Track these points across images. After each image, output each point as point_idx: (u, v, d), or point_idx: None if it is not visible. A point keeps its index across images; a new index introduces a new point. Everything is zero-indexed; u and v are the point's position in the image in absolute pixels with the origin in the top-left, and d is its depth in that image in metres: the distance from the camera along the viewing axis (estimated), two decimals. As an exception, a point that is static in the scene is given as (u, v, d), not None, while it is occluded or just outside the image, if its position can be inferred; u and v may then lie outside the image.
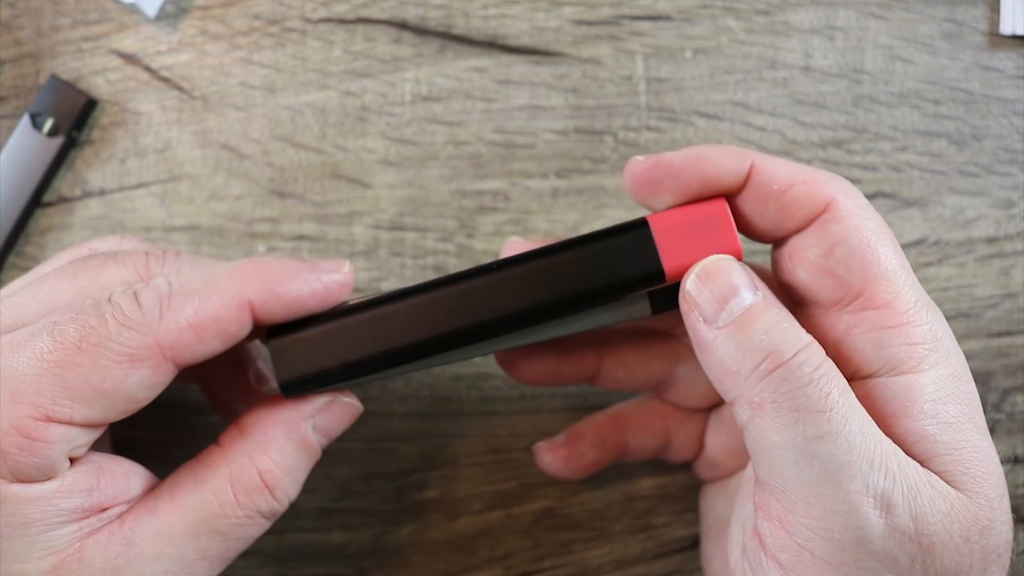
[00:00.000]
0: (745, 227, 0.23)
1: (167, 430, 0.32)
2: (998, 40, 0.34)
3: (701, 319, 0.22)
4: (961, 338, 0.33)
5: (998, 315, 0.33)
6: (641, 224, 0.23)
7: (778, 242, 0.24)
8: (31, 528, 0.21)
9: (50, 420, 0.21)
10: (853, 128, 0.34)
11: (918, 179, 0.34)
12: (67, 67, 0.34)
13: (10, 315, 0.23)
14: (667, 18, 0.34)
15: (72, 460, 0.22)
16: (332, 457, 0.32)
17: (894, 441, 0.21)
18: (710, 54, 0.34)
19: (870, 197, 0.33)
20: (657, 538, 0.32)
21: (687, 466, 0.32)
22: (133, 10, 0.34)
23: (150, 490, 0.24)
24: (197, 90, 0.34)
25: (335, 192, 0.33)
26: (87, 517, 0.22)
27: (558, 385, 0.29)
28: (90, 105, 0.33)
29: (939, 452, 0.21)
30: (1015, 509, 0.32)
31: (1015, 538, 0.32)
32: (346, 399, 0.25)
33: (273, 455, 0.24)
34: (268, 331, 0.24)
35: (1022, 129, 0.34)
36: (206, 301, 0.22)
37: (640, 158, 0.23)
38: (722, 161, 0.22)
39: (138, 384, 0.22)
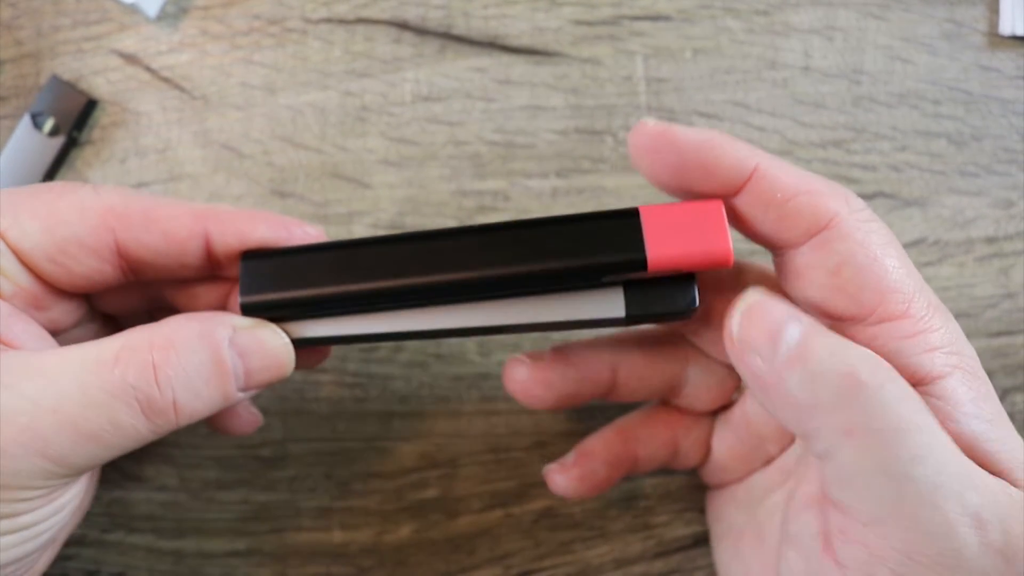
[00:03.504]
0: (743, 228, 0.23)
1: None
2: (998, 40, 0.34)
3: (759, 359, 0.21)
4: (961, 338, 0.33)
5: (998, 315, 0.33)
6: (631, 212, 0.22)
7: (778, 251, 0.23)
8: None
9: None
10: (853, 128, 0.34)
11: (918, 179, 0.34)
12: (68, 67, 0.34)
13: None
14: (667, 18, 0.34)
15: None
16: (332, 456, 0.32)
17: None
18: (710, 54, 0.34)
19: (870, 197, 0.33)
20: (657, 537, 0.32)
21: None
22: (134, 10, 0.34)
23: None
24: (197, 90, 0.34)
25: (335, 192, 0.33)
26: None
27: (575, 406, 0.28)
28: (91, 105, 0.33)
29: (994, 450, 0.20)
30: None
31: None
32: (277, 333, 0.23)
33: (173, 337, 0.21)
34: (243, 253, 0.24)
35: (1022, 129, 0.34)
36: (166, 204, 0.23)
37: (650, 121, 0.22)
38: (727, 155, 0.22)
39: (83, 237, 0.22)
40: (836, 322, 0.22)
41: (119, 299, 0.26)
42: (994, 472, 0.20)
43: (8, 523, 0.21)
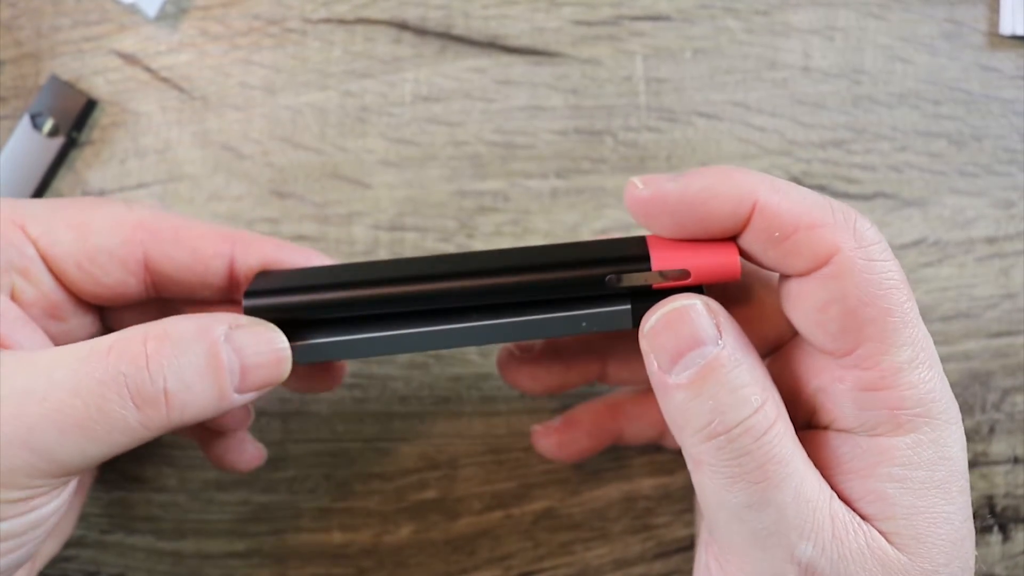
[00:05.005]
0: (749, 260, 0.22)
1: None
2: (998, 40, 0.34)
3: (655, 364, 0.21)
4: (961, 338, 0.33)
5: (998, 315, 0.33)
6: (638, 238, 0.22)
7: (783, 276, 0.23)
8: None
9: (12, 222, 0.22)
10: (853, 128, 0.34)
11: (918, 179, 0.34)
12: (67, 67, 0.34)
13: None
14: (667, 18, 0.34)
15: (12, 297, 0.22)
16: (332, 457, 0.32)
17: (852, 496, 0.21)
18: (710, 54, 0.34)
19: (870, 197, 0.33)
20: (657, 538, 0.32)
21: (687, 467, 0.32)
22: (133, 10, 0.34)
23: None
24: (197, 90, 0.34)
25: (335, 192, 0.33)
26: None
27: (564, 391, 0.29)
28: (90, 105, 0.33)
29: (894, 514, 0.21)
30: (1015, 509, 0.32)
31: (1014, 538, 0.32)
32: (275, 335, 0.23)
33: (169, 330, 0.21)
34: (259, 271, 0.25)
35: (1022, 129, 0.34)
36: (195, 226, 0.24)
37: (639, 184, 0.22)
38: (721, 203, 0.21)
39: (108, 245, 0.23)
40: (812, 348, 0.22)
41: (135, 317, 0.27)
42: (884, 534, 0.21)
43: None
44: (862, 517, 0.21)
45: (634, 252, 0.22)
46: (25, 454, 0.20)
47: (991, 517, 0.33)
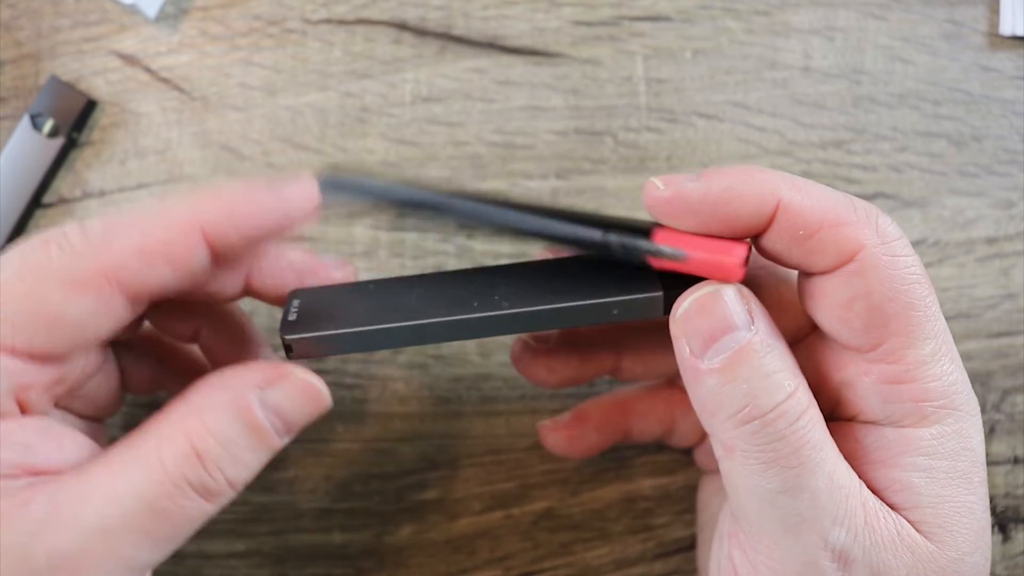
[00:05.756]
0: (773, 260, 0.22)
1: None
2: (998, 41, 0.34)
3: (688, 350, 0.21)
4: (961, 338, 0.33)
5: (998, 315, 0.33)
6: (653, 222, 0.22)
7: (804, 274, 0.23)
8: None
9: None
10: (853, 128, 0.34)
11: (918, 179, 0.34)
12: (67, 68, 0.34)
13: None
14: (667, 19, 0.34)
15: (24, 410, 0.22)
16: (332, 457, 0.32)
17: (879, 486, 0.21)
18: (710, 55, 0.34)
19: (870, 197, 0.33)
20: (657, 538, 0.32)
21: (687, 467, 0.32)
22: (133, 11, 0.34)
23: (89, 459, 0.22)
24: (197, 91, 0.34)
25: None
26: (17, 475, 0.21)
27: (578, 384, 0.29)
28: (90, 106, 0.33)
29: (920, 503, 0.21)
30: (1015, 509, 0.32)
31: (1015, 538, 0.32)
32: (305, 376, 0.23)
33: (206, 419, 0.22)
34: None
35: (1022, 130, 0.34)
36: (154, 226, 0.22)
37: (659, 184, 0.21)
38: (745, 202, 0.21)
39: (82, 312, 0.21)
40: (835, 344, 0.22)
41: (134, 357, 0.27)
42: (913, 522, 0.21)
43: None
44: (889, 507, 0.21)
45: (642, 226, 0.22)
46: (126, 574, 0.21)
47: (991, 517, 0.33)
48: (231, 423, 0.22)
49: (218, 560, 0.32)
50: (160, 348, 0.28)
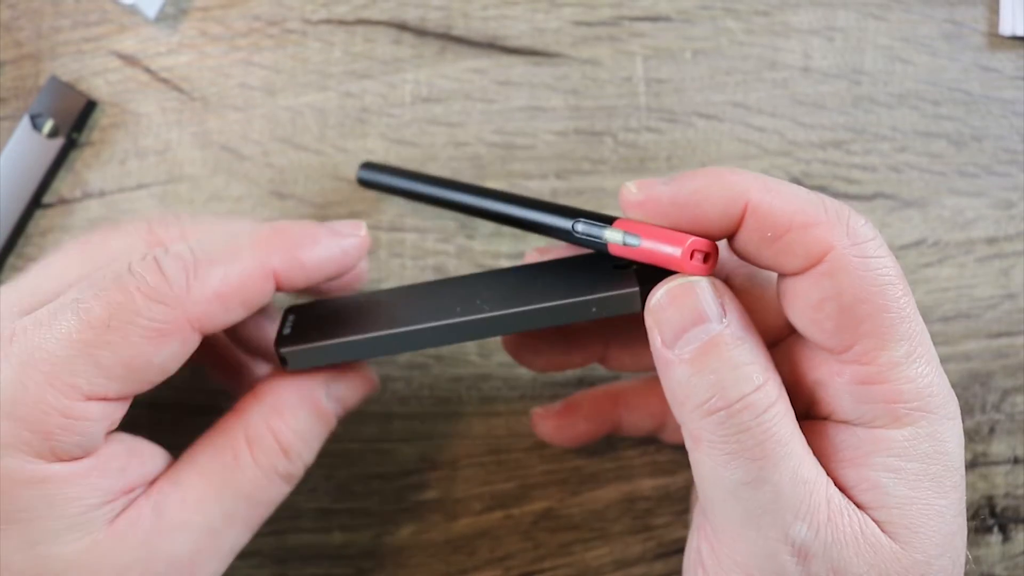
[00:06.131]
0: (746, 260, 0.23)
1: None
2: (998, 41, 0.34)
3: (659, 340, 0.21)
4: (961, 338, 0.33)
5: (998, 315, 0.33)
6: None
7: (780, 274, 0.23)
8: (69, 508, 0.21)
9: (88, 399, 0.21)
10: (853, 128, 0.34)
11: (918, 179, 0.34)
12: (67, 68, 0.34)
13: (26, 297, 0.24)
14: (667, 19, 0.34)
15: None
16: (332, 458, 0.32)
17: (848, 484, 0.21)
18: (710, 55, 0.34)
19: (870, 197, 0.33)
20: (657, 538, 0.32)
21: (687, 467, 0.32)
22: (133, 11, 0.34)
23: (170, 464, 0.24)
24: (197, 91, 0.34)
25: (335, 193, 0.33)
26: (118, 497, 0.22)
27: (568, 369, 0.29)
28: (90, 106, 0.33)
29: (887, 504, 0.21)
30: (1015, 509, 0.32)
31: (1014, 539, 0.32)
32: (364, 370, 0.26)
33: (287, 418, 0.24)
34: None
35: (1022, 130, 0.34)
36: (231, 270, 0.23)
37: (632, 187, 0.22)
38: (712, 204, 0.21)
39: (169, 357, 0.22)
40: (809, 343, 0.22)
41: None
42: (879, 522, 0.21)
43: None
44: (856, 505, 0.21)
45: (606, 217, 0.23)
46: (229, 561, 0.24)
47: (991, 517, 0.33)
48: (305, 417, 0.25)
49: (218, 560, 0.32)
50: None
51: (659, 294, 0.21)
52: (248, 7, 0.34)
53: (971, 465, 0.33)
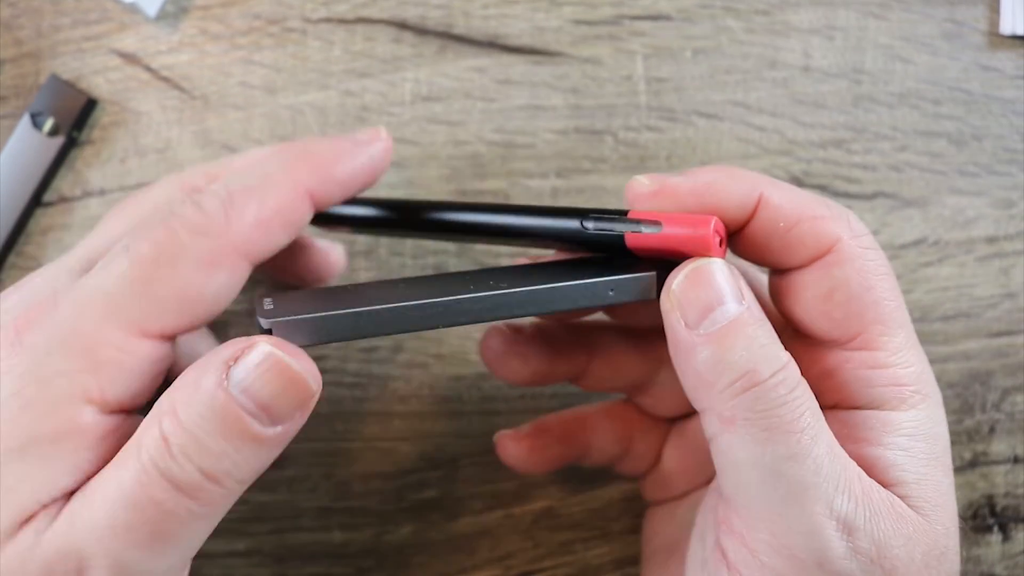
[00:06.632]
0: (751, 255, 0.23)
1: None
2: (998, 40, 0.34)
3: (683, 323, 0.21)
4: (961, 338, 0.33)
5: (998, 315, 0.33)
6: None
7: (780, 272, 0.23)
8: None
9: (143, 335, 0.21)
10: (853, 128, 0.34)
11: (918, 179, 0.34)
12: (67, 67, 0.34)
13: (81, 261, 0.24)
14: (667, 18, 0.34)
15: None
16: (332, 456, 0.32)
17: (864, 464, 0.21)
18: (710, 54, 0.34)
19: (870, 197, 0.33)
20: (657, 538, 0.32)
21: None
22: (133, 10, 0.34)
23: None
24: (197, 90, 0.34)
25: (335, 192, 0.33)
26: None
27: (546, 384, 0.29)
28: (90, 105, 0.33)
29: (906, 479, 0.21)
30: (1015, 509, 0.32)
31: (1014, 538, 0.32)
32: (273, 349, 0.20)
33: (177, 402, 0.19)
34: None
35: (1022, 129, 0.34)
36: (267, 196, 0.23)
37: (644, 180, 0.22)
38: (729, 194, 0.22)
39: (221, 286, 0.22)
40: (812, 339, 0.23)
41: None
42: (901, 497, 0.21)
43: None
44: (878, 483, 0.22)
45: (616, 211, 0.22)
46: None
47: (991, 517, 0.33)
48: (195, 405, 0.19)
49: (218, 559, 0.32)
50: None
51: (680, 276, 0.21)
52: (248, 6, 0.34)
53: (971, 465, 0.33)
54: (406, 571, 0.32)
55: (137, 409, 0.22)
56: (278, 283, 0.32)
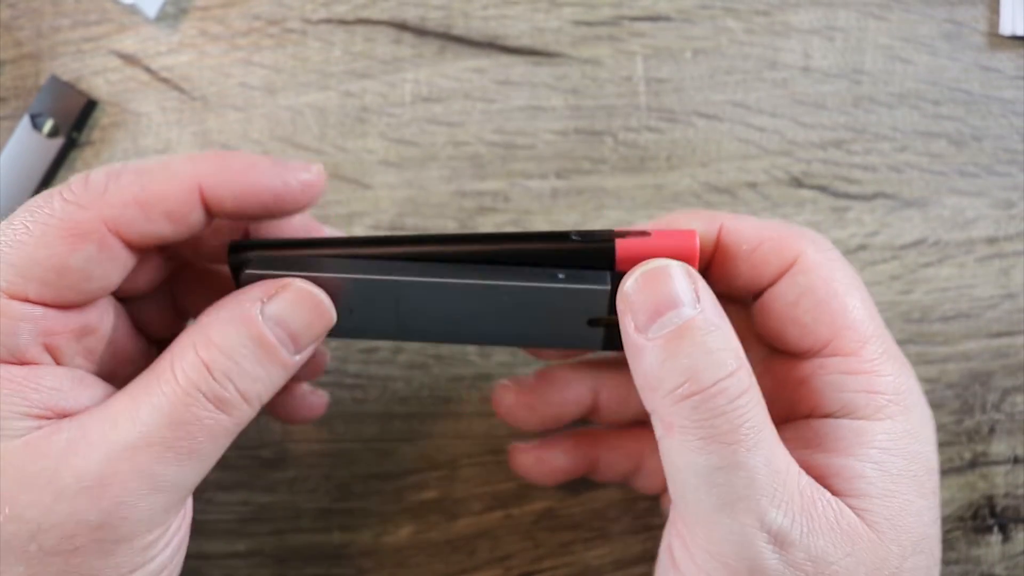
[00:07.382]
0: (721, 286, 0.23)
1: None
2: (998, 40, 0.34)
3: (633, 324, 0.21)
4: (961, 338, 0.33)
5: (998, 315, 0.33)
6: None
7: (753, 298, 0.24)
8: None
9: (10, 297, 0.21)
10: (853, 128, 0.34)
11: (918, 179, 0.34)
12: (67, 68, 0.34)
13: None
14: (667, 19, 0.34)
15: (57, 360, 0.22)
16: (332, 458, 0.32)
17: (830, 472, 0.21)
18: (710, 55, 0.34)
19: (870, 197, 0.33)
20: (657, 538, 0.32)
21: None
22: (133, 11, 0.34)
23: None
24: (197, 91, 0.34)
25: (335, 192, 0.33)
26: (46, 415, 0.21)
27: (560, 425, 0.29)
28: (90, 106, 0.33)
29: (870, 493, 0.21)
30: (1015, 509, 0.32)
31: (1014, 538, 0.32)
32: (305, 286, 0.23)
33: (212, 334, 0.22)
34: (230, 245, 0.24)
35: (1022, 129, 0.34)
36: (154, 178, 0.22)
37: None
38: (694, 224, 0.23)
39: (86, 260, 0.22)
40: (791, 356, 0.23)
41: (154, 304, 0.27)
42: (860, 511, 0.21)
43: (143, 572, 0.22)
44: (834, 493, 0.21)
45: (599, 240, 0.23)
46: (156, 495, 0.21)
47: (991, 517, 0.33)
48: (235, 334, 0.22)
49: (218, 560, 0.32)
50: (181, 301, 0.29)
51: (632, 279, 0.21)
52: (248, 6, 0.34)
53: (971, 465, 0.33)
54: (406, 572, 0.32)
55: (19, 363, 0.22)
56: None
